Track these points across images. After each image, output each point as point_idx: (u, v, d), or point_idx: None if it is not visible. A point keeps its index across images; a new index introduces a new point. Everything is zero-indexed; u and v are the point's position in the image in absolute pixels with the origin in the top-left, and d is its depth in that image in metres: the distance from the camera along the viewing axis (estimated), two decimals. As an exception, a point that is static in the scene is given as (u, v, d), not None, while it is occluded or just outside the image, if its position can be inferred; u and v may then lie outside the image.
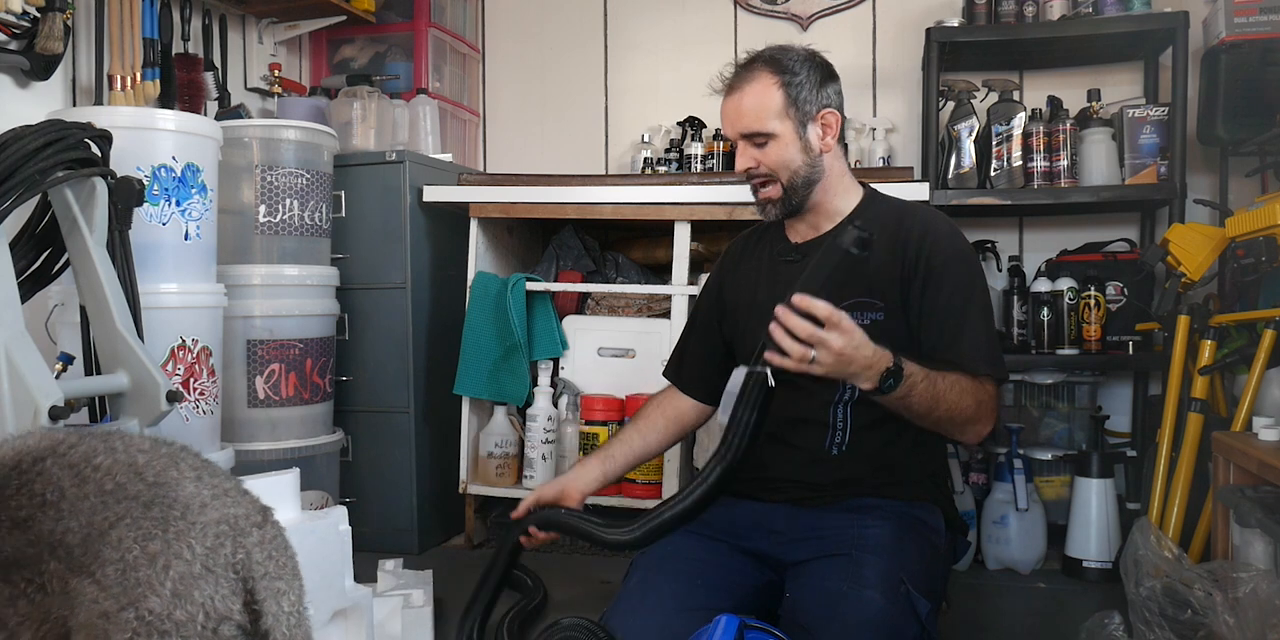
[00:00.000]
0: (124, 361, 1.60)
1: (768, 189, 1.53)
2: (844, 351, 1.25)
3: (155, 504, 0.91)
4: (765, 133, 1.50)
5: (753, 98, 1.50)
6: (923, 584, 1.30)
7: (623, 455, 1.69)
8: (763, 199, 1.54)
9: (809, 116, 1.51)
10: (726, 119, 1.55)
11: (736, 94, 1.53)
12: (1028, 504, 2.31)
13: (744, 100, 1.51)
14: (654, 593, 1.36)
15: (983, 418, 1.43)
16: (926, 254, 1.47)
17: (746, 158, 1.52)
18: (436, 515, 2.60)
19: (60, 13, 2.08)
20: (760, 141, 1.50)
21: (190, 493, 0.94)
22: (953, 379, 1.39)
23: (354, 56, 3.12)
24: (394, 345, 2.52)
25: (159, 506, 0.91)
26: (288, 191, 2.24)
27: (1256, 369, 1.93)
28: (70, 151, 1.56)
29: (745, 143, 1.52)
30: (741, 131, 1.52)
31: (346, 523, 1.41)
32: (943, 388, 1.36)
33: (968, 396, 1.39)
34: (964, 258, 1.51)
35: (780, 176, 1.51)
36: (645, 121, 3.14)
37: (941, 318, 1.46)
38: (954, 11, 2.70)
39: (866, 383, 1.30)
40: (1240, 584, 1.46)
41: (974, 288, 1.50)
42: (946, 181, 2.58)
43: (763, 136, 1.50)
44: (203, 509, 0.93)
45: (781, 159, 1.50)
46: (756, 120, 1.50)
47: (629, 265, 2.75)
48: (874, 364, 1.29)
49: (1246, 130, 2.37)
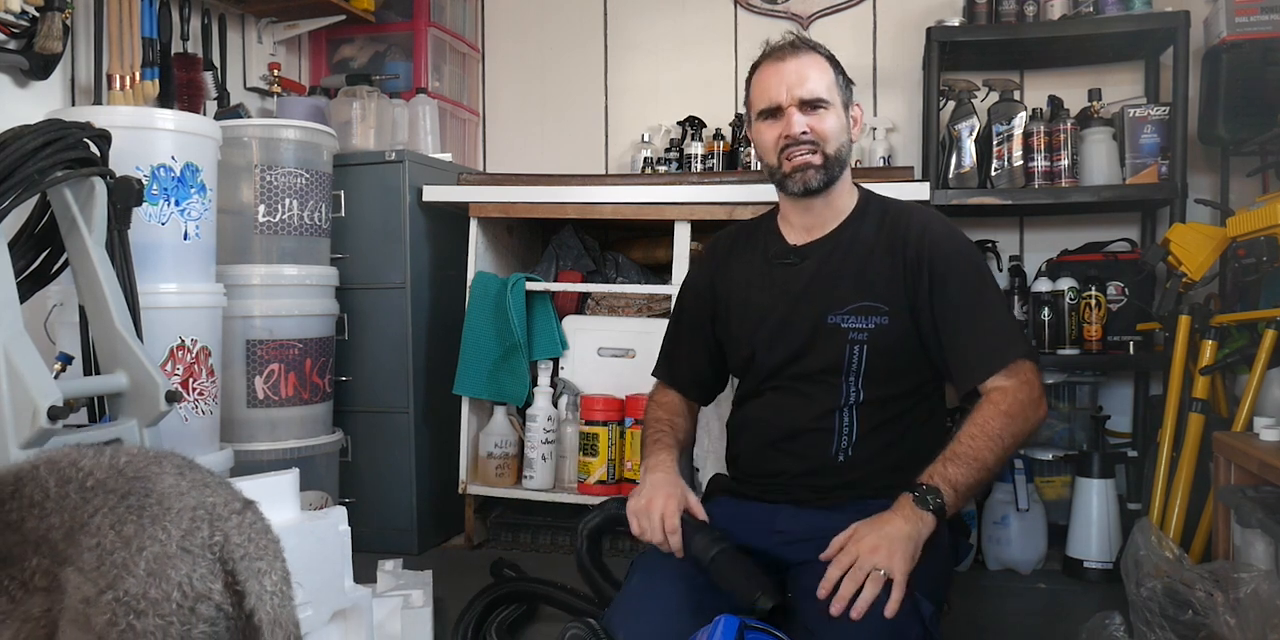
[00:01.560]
0: (123, 361, 1.59)
1: (812, 155, 1.49)
2: (872, 544, 1.25)
3: (132, 494, 0.94)
4: (825, 100, 1.49)
5: (813, 66, 1.50)
6: (925, 585, 1.30)
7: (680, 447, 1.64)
8: (803, 164, 1.49)
9: (849, 100, 1.54)
10: (783, 83, 1.49)
11: (794, 60, 1.50)
12: (1028, 504, 2.31)
13: (806, 67, 1.49)
14: (655, 593, 1.36)
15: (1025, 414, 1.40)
16: (928, 254, 1.47)
17: (798, 123, 1.49)
18: (436, 516, 2.59)
19: (59, 12, 2.08)
20: (820, 107, 1.49)
21: (169, 484, 0.97)
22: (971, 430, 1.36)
23: (353, 56, 3.12)
24: (393, 345, 2.52)
25: (135, 496, 0.94)
26: (287, 191, 2.24)
27: (1257, 369, 1.93)
28: (69, 151, 1.55)
29: (798, 109, 1.49)
30: (803, 96, 1.48)
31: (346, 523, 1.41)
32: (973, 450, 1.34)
33: (995, 424, 1.37)
34: (965, 251, 1.51)
35: (827, 146, 1.49)
36: (645, 121, 3.14)
37: (959, 313, 1.45)
38: (954, 11, 2.70)
39: (914, 523, 1.29)
40: (1241, 584, 1.46)
41: (982, 278, 1.49)
42: (947, 181, 2.58)
43: (823, 103, 1.49)
44: (180, 497, 0.96)
45: (833, 129, 1.50)
46: (819, 86, 1.49)
47: (629, 265, 2.75)
48: (900, 511, 1.29)
49: (1247, 130, 2.37)
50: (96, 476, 0.96)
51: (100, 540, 0.90)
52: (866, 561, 1.24)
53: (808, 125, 1.48)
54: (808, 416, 1.49)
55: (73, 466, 0.97)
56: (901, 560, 1.24)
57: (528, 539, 2.57)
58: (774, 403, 1.53)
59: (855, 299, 1.47)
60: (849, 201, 1.57)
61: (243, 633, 0.93)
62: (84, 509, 0.93)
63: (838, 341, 1.47)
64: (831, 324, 1.47)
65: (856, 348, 1.46)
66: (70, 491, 0.94)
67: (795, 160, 1.50)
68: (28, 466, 0.98)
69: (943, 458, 1.35)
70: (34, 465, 0.98)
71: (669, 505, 1.40)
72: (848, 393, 1.47)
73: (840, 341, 1.47)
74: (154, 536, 0.91)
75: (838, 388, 1.47)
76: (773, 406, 1.53)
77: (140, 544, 0.90)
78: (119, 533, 0.91)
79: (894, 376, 1.48)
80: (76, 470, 0.96)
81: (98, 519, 0.92)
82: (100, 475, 0.96)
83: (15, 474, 0.97)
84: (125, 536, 0.90)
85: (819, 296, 1.50)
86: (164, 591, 0.89)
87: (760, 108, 1.52)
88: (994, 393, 1.41)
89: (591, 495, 2.43)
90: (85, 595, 0.88)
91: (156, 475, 0.97)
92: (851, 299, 1.47)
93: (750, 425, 1.57)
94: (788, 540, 1.42)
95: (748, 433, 1.58)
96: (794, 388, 1.51)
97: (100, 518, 0.92)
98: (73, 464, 0.97)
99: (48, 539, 0.92)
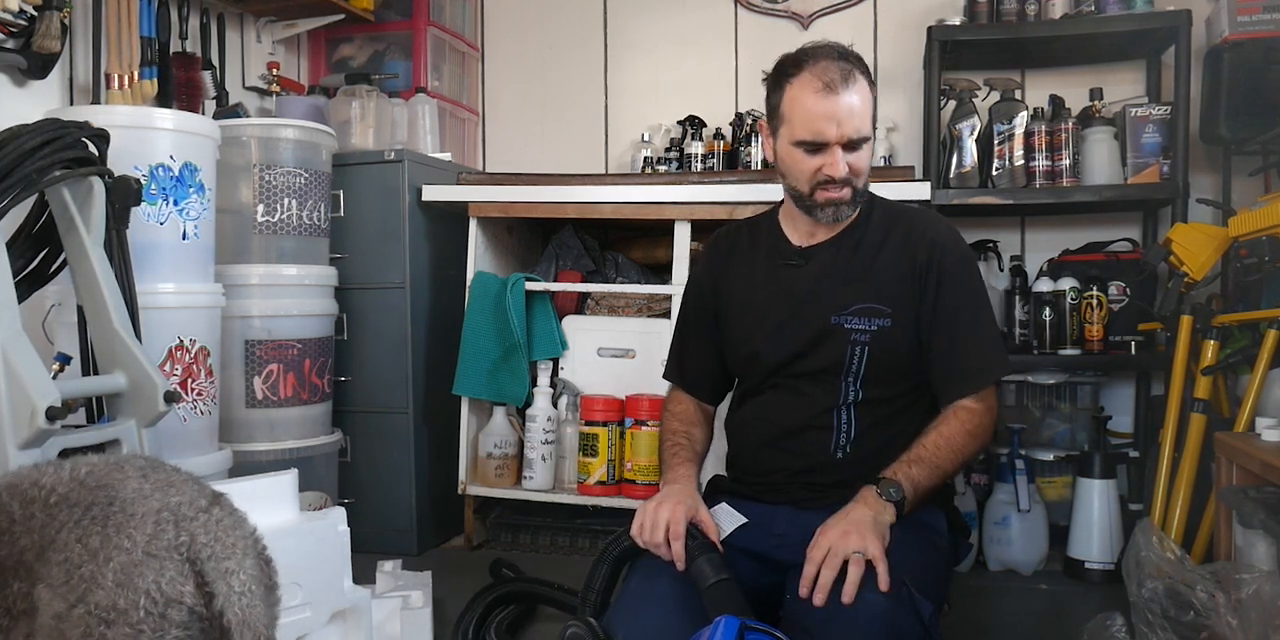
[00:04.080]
0: (121, 362, 1.59)
1: (843, 190, 1.46)
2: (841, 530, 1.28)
3: (95, 504, 0.94)
4: (867, 138, 1.45)
5: (862, 100, 1.43)
6: (925, 586, 1.29)
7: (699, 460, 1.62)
8: (836, 199, 1.47)
9: (875, 123, 1.50)
10: (833, 119, 1.41)
11: (847, 93, 1.41)
12: (1029, 505, 2.31)
13: (856, 103, 1.41)
14: (654, 594, 1.35)
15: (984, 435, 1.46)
16: (938, 259, 1.47)
17: (842, 164, 1.44)
18: (435, 516, 2.59)
19: (58, 11, 2.08)
20: (859, 145, 1.44)
21: (132, 489, 0.96)
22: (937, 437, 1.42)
23: (353, 55, 3.12)
24: (393, 345, 2.52)
25: (98, 506, 0.93)
26: (286, 191, 2.24)
27: (1259, 369, 1.92)
28: (67, 151, 1.55)
29: (843, 147, 1.44)
30: (851, 136, 1.43)
31: (345, 524, 1.40)
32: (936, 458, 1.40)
33: (959, 438, 1.42)
34: (970, 261, 1.53)
35: (859, 182, 1.47)
36: (645, 121, 3.13)
37: (950, 323, 1.47)
38: (955, 10, 2.69)
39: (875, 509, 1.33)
40: (1243, 585, 1.45)
41: (979, 290, 1.51)
42: (948, 181, 2.58)
43: (863, 141, 1.45)
44: (143, 500, 0.95)
45: (867, 164, 1.47)
46: (864, 123, 1.44)
47: (629, 265, 2.74)
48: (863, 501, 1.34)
49: (1249, 129, 2.37)
50: (59, 492, 0.95)
51: (68, 555, 0.90)
52: (840, 548, 1.26)
53: (849, 164, 1.45)
54: (806, 414, 1.49)
55: (34, 486, 0.95)
56: (874, 540, 1.26)
57: (527, 540, 2.56)
58: (773, 401, 1.53)
59: (859, 301, 1.47)
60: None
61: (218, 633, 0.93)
62: (50, 526, 0.92)
63: (839, 342, 1.47)
64: (834, 324, 1.47)
65: (858, 349, 1.46)
66: (35, 511, 0.93)
67: (830, 194, 1.46)
68: None
69: (907, 459, 1.39)
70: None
71: (677, 511, 1.38)
72: (846, 391, 1.47)
73: (842, 342, 1.47)
74: (119, 545, 0.90)
75: (837, 387, 1.47)
76: (771, 405, 1.53)
77: (107, 555, 0.90)
78: (85, 546, 0.90)
79: (893, 377, 1.48)
80: (39, 489, 0.95)
81: (64, 534, 0.91)
82: (62, 490, 0.95)
83: None
84: (92, 549, 0.90)
85: (823, 298, 1.50)
86: (132, 600, 0.88)
87: (801, 138, 1.44)
88: (961, 411, 1.45)
89: (591, 496, 2.43)
90: (56, 611, 0.88)
91: (119, 481, 0.96)
92: (855, 300, 1.47)
93: (749, 423, 1.57)
94: (785, 543, 1.42)
95: (746, 431, 1.58)
96: (793, 386, 1.51)
97: (66, 533, 0.91)
98: (34, 484, 0.96)
99: (22, 562, 0.91)
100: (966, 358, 1.46)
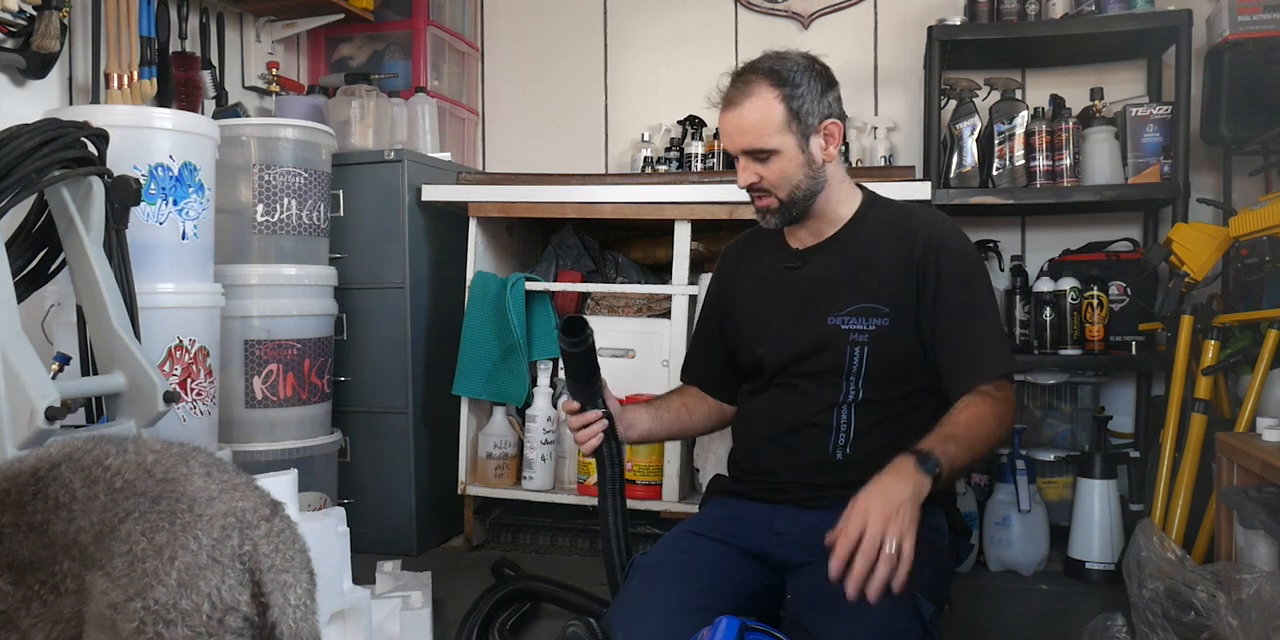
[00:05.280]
0: (121, 362, 1.59)
1: (766, 199, 1.51)
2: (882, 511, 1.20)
3: (163, 498, 0.92)
4: (767, 149, 1.46)
5: (753, 113, 1.46)
6: (926, 586, 1.29)
7: (669, 421, 1.65)
8: (762, 208, 1.52)
9: (811, 129, 1.47)
10: (726, 134, 1.50)
11: (736, 109, 1.47)
12: (1030, 505, 2.30)
13: (745, 116, 1.46)
14: (655, 595, 1.35)
15: (1008, 424, 1.42)
16: (935, 256, 1.47)
17: (749, 173, 1.48)
18: (435, 516, 2.59)
19: (57, 11, 2.07)
20: (762, 157, 1.47)
21: (198, 487, 0.95)
22: (968, 416, 1.37)
23: (352, 55, 3.11)
24: (392, 345, 2.51)
25: (166, 500, 0.92)
26: (285, 191, 2.23)
27: (1260, 369, 1.92)
28: (67, 150, 1.55)
29: (747, 158, 1.48)
30: (743, 148, 1.48)
31: (345, 524, 1.40)
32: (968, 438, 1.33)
33: (989, 421, 1.37)
34: (971, 257, 1.51)
35: (780, 192, 1.49)
36: (645, 120, 3.13)
37: (953, 316, 1.46)
38: (956, 9, 2.69)
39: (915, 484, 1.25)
40: (1244, 586, 1.45)
41: (983, 286, 1.50)
42: (948, 180, 2.58)
43: (765, 153, 1.47)
44: (210, 502, 0.94)
45: (784, 174, 1.48)
46: (758, 137, 1.46)
47: (629, 265, 2.74)
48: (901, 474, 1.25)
49: (1250, 129, 2.37)
50: (125, 477, 0.93)
51: (132, 547, 0.89)
52: (877, 533, 1.18)
53: (756, 174, 1.48)
54: (807, 412, 1.49)
55: (98, 465, 0.94)
56: (910, 531, 1.19)
57: (527, 540, 2.56)
58: (774, 399, 1.54)
59: (856, 301, 1.47)
60: (848, 207, 1.56)
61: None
62: (113, 511, 0.91)
63: (838, 343, 1.47)
64: (832, 325, 1.47)
65: (857, 349, 1.46)
66: (99, 492, 0.92)
67: (756, 204, 1.53)
68: (46, 465, 0.95)
69: (941, 435, 1.32)
70: (53, 463, 0.95)
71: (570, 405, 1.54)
72: (848, 391, 1.47)
73: (840, 343, 1.47)
74: (185, 545, 0.90)
75: (839, 386, 1.48)
76: (773, 402, 1.54)
77: (172, 553, 0.89)
78: (151, 540, 0.89)
79: (895, 377, 1.48)
80: (103, 470, 0.94)
81: (128, 524, 0.90)
82: (129, 475, 0.94)
83: (34, 472, 0.95)
84: (157, 545, 0.89)
85: (820, 299, 1.50)
86: (195, 603, 0.88)
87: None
88: (984, 396, 1.41)
89: (591, 496, 2.42)
90: (113, 601, 0.87)
91: (185, 476, 0.95)
92: (852, 301, 1.47)
93: (750, 420, 1.58)
94: (785, 542, 1.42)
95: (747, 427, 1.59)
96: (795, 385, 1.52)
97: (131, 523, 0.90)
98: (98, 462, 0.95)
99: (77, 542, 0.90)
100: (975, 347, 1.45)
